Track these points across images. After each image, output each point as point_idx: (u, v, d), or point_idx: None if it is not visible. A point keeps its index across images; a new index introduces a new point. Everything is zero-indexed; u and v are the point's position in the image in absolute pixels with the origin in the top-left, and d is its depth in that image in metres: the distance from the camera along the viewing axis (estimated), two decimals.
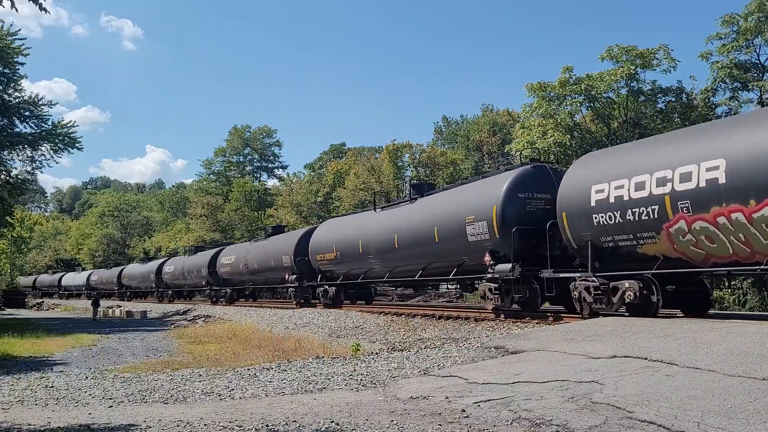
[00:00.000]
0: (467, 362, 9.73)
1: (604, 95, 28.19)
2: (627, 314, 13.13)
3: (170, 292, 48.49)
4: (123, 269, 60.07)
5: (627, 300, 12.94)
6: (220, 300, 39.01)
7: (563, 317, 14.99)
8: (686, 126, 22.46)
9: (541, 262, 15.22)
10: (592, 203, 13.49)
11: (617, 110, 28.82)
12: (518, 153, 29.64)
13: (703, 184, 11.28)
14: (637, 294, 12.74)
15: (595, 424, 5.45)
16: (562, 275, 14.70)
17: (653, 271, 12.55)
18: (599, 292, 13.60)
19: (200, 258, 42.47)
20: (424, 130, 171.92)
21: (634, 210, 12.56)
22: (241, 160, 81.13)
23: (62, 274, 77.12)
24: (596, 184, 13.52)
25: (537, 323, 14.59)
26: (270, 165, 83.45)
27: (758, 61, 26.69)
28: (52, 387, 9.65)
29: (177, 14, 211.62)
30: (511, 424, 5.82)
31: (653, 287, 12.63)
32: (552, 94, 28.22)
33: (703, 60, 27.35)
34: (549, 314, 15.57)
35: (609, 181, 13.21)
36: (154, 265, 52.06)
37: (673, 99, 28.85)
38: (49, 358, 16.69)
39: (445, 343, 13.20)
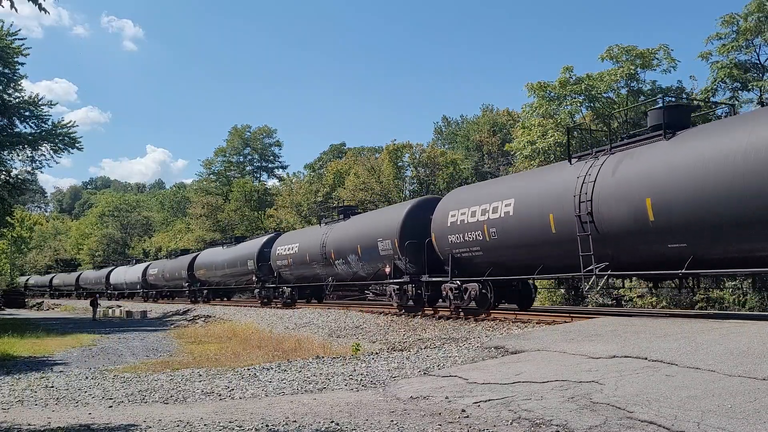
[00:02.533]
0: (467, 362, 9.73)
1: (604, 95, 28.19)
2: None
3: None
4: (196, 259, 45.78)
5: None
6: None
7: (439, 309, 19.95)
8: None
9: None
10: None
11: (617, 110, 28.81)
12: (518, 153, 29.67)
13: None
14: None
15: (595, 424, 5.45)
16: (434, 279, 19.07)
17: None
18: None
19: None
20: (424, 130, 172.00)
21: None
22: (241, 160, 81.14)
23: (111, 268, 65.38)
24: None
25: (537, 323, 14.60)
26: (270, 165, 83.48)
27: (758, 61, 26.70)
28: (52, 387, 9.66)
29: (177, 14, 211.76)
30: (511, 424, 5.82)
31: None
32: (552, 94, 28.23)
33: (703, 60, 27.37)
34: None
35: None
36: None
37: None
38: (49, 358, 16.69)
39: (445, 343, 13.19)
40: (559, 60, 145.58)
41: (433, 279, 19.09)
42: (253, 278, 33.15)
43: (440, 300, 19.64)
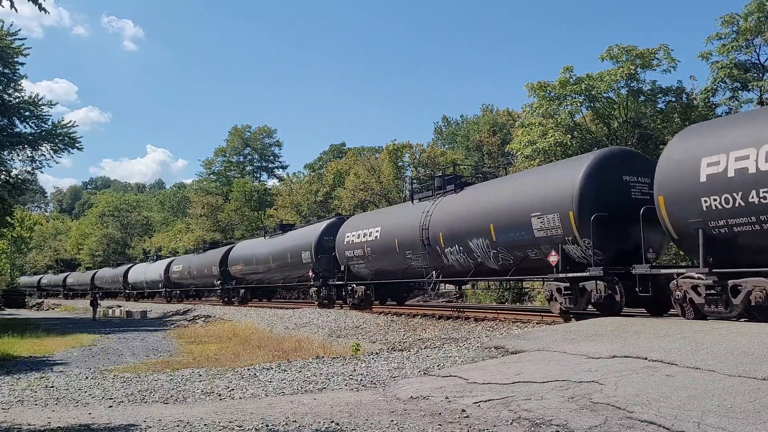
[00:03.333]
0: (467, 362, 9.73)
1: (604, 95, 28.16)
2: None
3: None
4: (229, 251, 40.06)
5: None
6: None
7: (341, 305, 25.30)
8: (687, 126, 22.45)
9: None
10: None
11: (617, 110, 28.80)
12: (519, 153, 29.65)
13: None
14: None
15: (595, 424, 5.45)
16: (662, 272, 13.05)
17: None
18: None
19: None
20: (424, 130, 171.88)
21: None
22: (241, 160, 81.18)
23: (129, 266, 61.04)
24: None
25: (537, 323, 14.60)
26: (270, 165, 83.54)
27: (758, 61, 26.69)
28: (52, 387, 9.66)
29: (177, 15, 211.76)
30: (511, 424, 5.82)
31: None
32: (552, 94, 28.21)
33: (703, 60, 27.36)
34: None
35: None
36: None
37: (673, 99, 28.83)
38: (49, 358, 16.69)
39: (445, 343, 13.19)
40: (559, 60, 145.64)
41: (660, 272, 12.71)
42: (309, 274, 27.54)
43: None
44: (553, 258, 14.71)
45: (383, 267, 22.28)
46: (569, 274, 14.32)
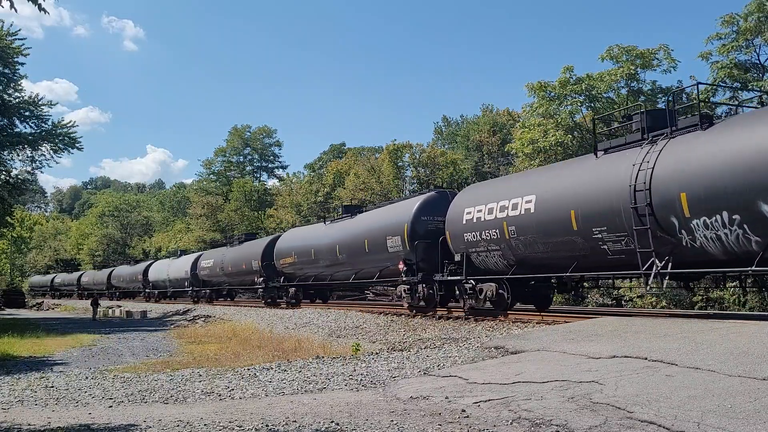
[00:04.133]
0: (467, 362, 9.72)
1: (604, 95, 28.18)
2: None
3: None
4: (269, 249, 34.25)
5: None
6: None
7: (452, 310, 19.32)
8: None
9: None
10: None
11: (615, 111, 28.81)
12: (519, 152, 29.66)
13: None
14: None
15: (595, 424, 5.45)
16: (448, 278, 18.29)
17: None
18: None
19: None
20: (424, 130, 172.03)
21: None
22: (241, 160, 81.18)
23: (149, 262, 55.37)
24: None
25: (537, 323, 14.60)
26: (270, 165, 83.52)
27: (758, 61, 26.70)
28: (52, 387, 9.66)
29: (178, 15, 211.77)
30: (511, 424, 5.82)
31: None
32: (552, 93, 28.22)
33: (703, 60, 27.39)
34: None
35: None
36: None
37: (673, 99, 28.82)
38: (49, 358, 16.68)
39: (445, 343, 13.19)
40: (559, 60, 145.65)
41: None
42: (400, 267, 20.02)
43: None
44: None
45: (534, 254, 15.35)
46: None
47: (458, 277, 17.71)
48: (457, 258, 17.68)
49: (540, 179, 15.70)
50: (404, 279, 20.04)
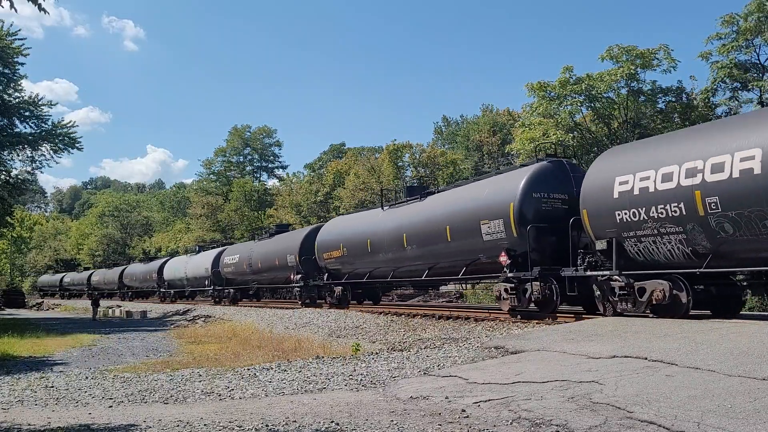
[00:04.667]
0: (467, 362, 9.73)
1: (604, 95, 28.19)
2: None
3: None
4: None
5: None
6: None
7: (584, 317, 14.31)
8: (687, 126, 22.50)
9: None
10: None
11: (617, 110, 28.82)
12: (519, 152, 29.67)
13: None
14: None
15: (595, 424, 5.45)
16: (586, 274, 13.90)
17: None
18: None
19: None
20: (424, 130, 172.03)
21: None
22: (241, 160, 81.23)
23: (165, 259, 51.16)
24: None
25: (537, 323, 14.59)
26: (270, 165, 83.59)
27: (758, 61, 26.70)
28: (52, 387, 9.65)
29: (178, 15, 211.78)
30: (511, 424, 5.82)
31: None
32: (552, 93, 28.23)
33: (703, 60, 27.39)
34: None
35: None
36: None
37: (673, 99, 28.86)
38: (49, 358, 16.68)
39: (445, 343, 13.19)
40: (559, 60, 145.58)
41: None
42: (501, 259, 15.77)
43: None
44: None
45: (747, 238, 10.99)
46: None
47: (605, 272, 13.39)
48: (601, 246, 13.27)
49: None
50: (510, 275, 15.80)
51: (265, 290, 37.00)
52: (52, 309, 58.49)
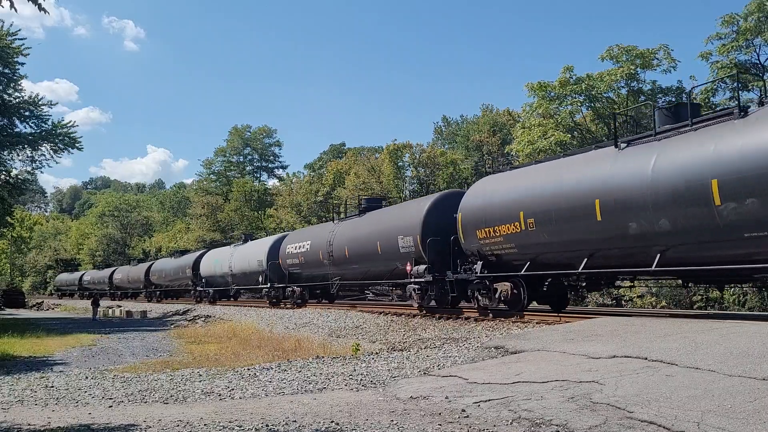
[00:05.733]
0: (467, 362, 9.73)
1: (605, 95, 28.21)
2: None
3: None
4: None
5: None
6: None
7: (463, 310, 18.49)
8: None
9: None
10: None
11: (617, 110, 28.83)
12: (519, 152, 29.67)
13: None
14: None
15: (595, 424, 5.45)
16: (459, 277, 17.57)
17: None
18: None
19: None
20: (424, 130, 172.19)
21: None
22: (241, 160, 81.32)
23: (200, 252, 44.11)
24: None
25: (537, 323, 14.59)
26: (270, 165, 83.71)
27: (758, 61, 26.70)
28: (52, 387, 9.65)
29: (178, 15, 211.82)
30: (511, 424, 5.82)
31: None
32: (552, 93, 28.24)
33: (703, 60, 27.40)
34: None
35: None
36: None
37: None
38: (49, 358, 16.69)
39: (445, 343, 13.19)
40: (559, 60, 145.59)
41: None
42: (407, 268, 19.59)
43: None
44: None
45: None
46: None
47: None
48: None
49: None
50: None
51: (353, 288, 28.17)
52: (52, 309, 58.52)
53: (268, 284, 14.26)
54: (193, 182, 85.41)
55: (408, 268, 19.62)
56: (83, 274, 72.35)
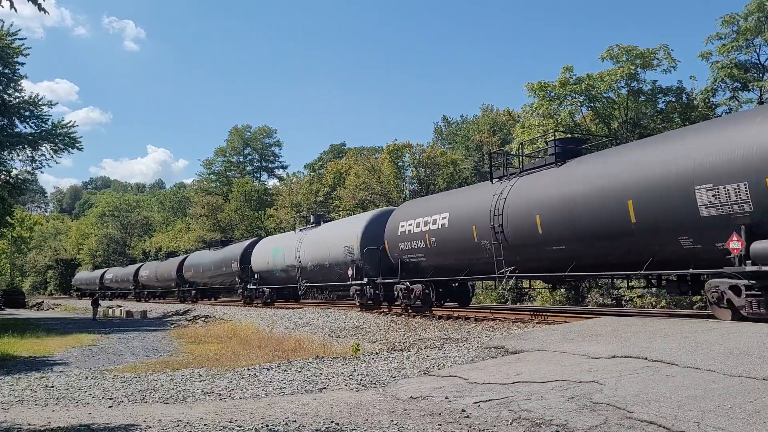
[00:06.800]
0: (467, 362, 9.73)
1: (605, 95, 28.17)
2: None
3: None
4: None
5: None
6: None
7: (391, 308, 22.32)
8: (685, 126, 22.44)
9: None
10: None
11: (617, 110, 28.81)
12: (518, 153, 29.64)
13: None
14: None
15: (595, 424, 5.45)
16: (387, 281, 21.43)
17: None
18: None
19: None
20: (424, 130, 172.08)
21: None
22: (242, 160, 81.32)
23: (250, 241, 36.85)
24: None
25: (537, 323, 14.60)
26: (270, 165, 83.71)
27: (758, 61, 26.68)
28: (52, 387, 9.66)
29: (178, 15, 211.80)
30: (511, 424, 5.82)
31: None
32: (552, 93, 28.21)
33: (703, 60, 27.35)
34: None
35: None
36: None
37: (673, 99, 28.83)
38: (49, 358, 16.68)
39: (445, 343, 13.19)
40: (559, 60, 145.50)
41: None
42: (348, 272, 23.18)
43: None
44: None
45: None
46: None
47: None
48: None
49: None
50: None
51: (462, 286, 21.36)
52: (52, 309, 58.48)
53: (364, 279, 15.21)
54: (193, 182, 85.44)
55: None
56: (105, 272, 65.62)
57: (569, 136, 21.45)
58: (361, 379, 8.96)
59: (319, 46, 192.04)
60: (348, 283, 23.83)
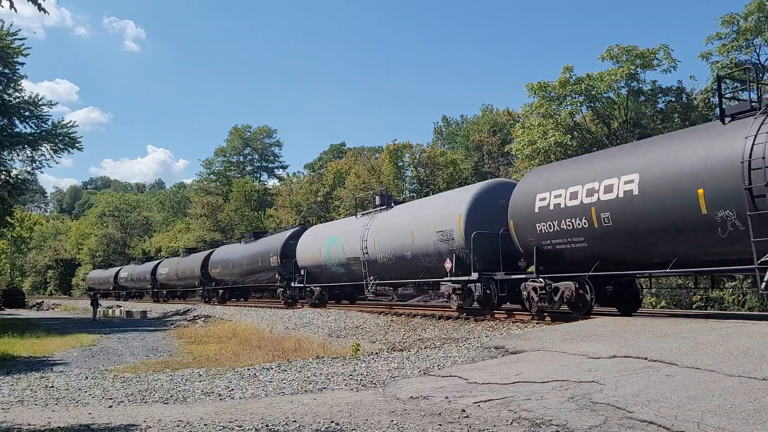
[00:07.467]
0: (467, 362, 9.73)
1: (605, 95, 28.18)
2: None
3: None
4: None
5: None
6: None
7: (515, 314, 16.34)
8: (686, 126, 22.48)
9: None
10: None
11: (617, 110, 28.82)
12: (518, 152, 29.66)
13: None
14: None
15: (595, 424, 5.45)
16: (513, 277, 16.22)
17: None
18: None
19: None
20: (424, 130, 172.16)
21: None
22: (241, 160, 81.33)
23: (292, 230, 31.56)
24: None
25: (537, 323, 14.60)
26: (270, 165, 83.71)
27: (758, 61, 26.67)
28: (52, 387, 9.66)
29: (179, 15, 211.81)
30: (511, 424, 5.82)
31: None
32: (552, 94, 28.22)
33: (703, 60, 27.35)
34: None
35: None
36: None
37: (673, 99, 28.84)
38: (49, 358, 16.67)
39: (445, 343, 13.19)
40: (559, 60, 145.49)
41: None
42: (446, 265, 17.99)
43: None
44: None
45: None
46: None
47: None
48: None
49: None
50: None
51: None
52: (52, 309, 58.47)
53: (473, 274, 13.25)
54: (193, 182, 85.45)
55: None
56: (119, 270, 60.94)
57: None
58: (361, 379, 8.96)
59: (319, 46, 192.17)
60: (443, 279, 18.42)
